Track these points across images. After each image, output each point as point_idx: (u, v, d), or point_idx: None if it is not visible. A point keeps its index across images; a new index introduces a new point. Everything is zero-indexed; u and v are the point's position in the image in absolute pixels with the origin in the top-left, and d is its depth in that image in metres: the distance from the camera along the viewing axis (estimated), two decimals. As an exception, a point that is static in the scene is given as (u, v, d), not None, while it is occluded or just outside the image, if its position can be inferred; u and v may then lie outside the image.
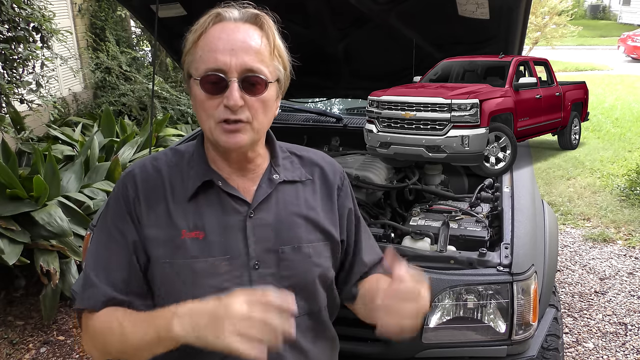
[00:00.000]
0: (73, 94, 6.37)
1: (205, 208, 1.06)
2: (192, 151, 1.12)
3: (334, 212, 1.18)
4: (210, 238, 1.04)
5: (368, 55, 2.34)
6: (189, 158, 1.11)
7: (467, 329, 1.66)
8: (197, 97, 1.02)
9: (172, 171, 1.09)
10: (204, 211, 1.06)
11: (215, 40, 0.99)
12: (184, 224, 1.04)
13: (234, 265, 1.04)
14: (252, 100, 1.01)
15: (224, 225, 1.05)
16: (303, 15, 2.05)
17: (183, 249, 1.03)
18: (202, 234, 1.04)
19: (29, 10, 3.74)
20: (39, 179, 3.02)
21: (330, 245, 1.15)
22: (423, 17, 1.95)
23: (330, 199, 1.18)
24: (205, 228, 1.04)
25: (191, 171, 1.08)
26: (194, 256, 1.03)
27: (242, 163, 1.09)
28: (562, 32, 13.98)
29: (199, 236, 1.03)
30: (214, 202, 1.07)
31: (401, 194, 2.29)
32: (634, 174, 5.26)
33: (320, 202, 1.16)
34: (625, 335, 2.99)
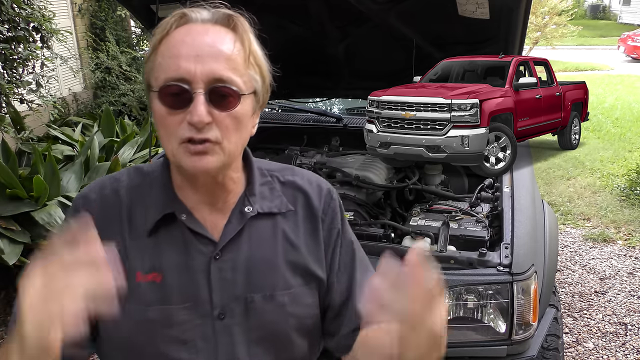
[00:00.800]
0: (73, 94, 6.37)
1: (165, 245, 0.90)
2: (152, 174, 0.95)
3: (320, 247, 0.99)
4: (168, 281, 0.88)
5: (368, 55, 2.34)
6: (151, 181, 0.94)
7: (467, 329, 1.66)
8: (156, 112, 0.85)
9: (132, 196, 0.92)
10: (163, 249, 0.89)
11: (179, 44, 0.83)
12: (138, 265, 0.88)
13: (195, 314, 0.89)
14: (221, 116, 0.84)
15: (185, 267, 0.89)
16: (304, 16, 2.05)
17: (137, 295, 0.87)
18: (160, 277, 0.88)
19: (29, 10, 3.74)
20: (39, 179, 3.02)
21: (317, 289, 0.98)
22: (423, 17, 1.95)
23: (316, 232, 0.99)
24: (162, 269, 0.88)
25: (151, 199, 0.91)
26: (149, 303, 0.87)
27: (212, 190, 0.91)
28: (562, 32, 13.98)
29: (155, 279, 0.88)
30: (176, 238, 0.90)
31: (401, 194, 2.29)
32: (634, 174, 5.26)
33: (303, 238, 0.98)
34: (625, 335, 2.99)
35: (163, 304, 0.88)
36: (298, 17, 2.10)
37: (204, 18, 0.87)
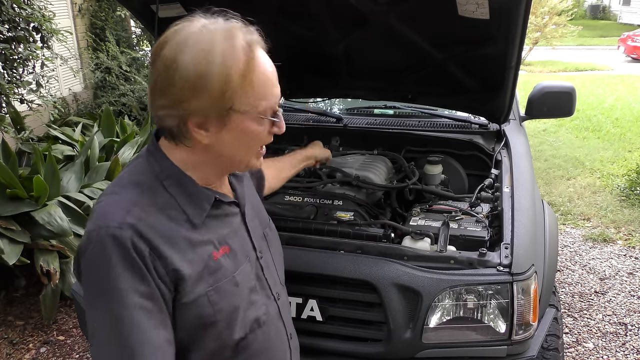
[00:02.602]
0: (73, 94, 6.37)
1: (214, 223, 1.05)
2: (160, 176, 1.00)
3: None
4: (234, 248, 1.06)
5: (368, 55, 2.34)
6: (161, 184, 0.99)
7: (467, 329, 1.66)
8: (252, 132, 0.99)
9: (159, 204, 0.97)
10: (216, 226, 1.04)
11: (268, 72, 0.98)
12: (210, 247, 1.01)
13: (250, 263, 1.10)
14: None
15: (234, 231, 1.09)
16: (304, 17, 2.05)
17: (221, 270, 1.01)
18: (227, 248, 1.04)
19: (29, 10, 3.74)
20: (39, 179, 3.02)
21: None
22: (423, 17, 1.94)
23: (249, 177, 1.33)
24: (226, 241, 1.05)
25: (182, 197, 0.99)
26: (233, 271, 1.03)
27: None
28: (562, 32, 14.00)
29: (226, 251, 1.04)
30: (218, 214, 1.06)
31: (401, 194, 2.29)
32: (634, 174, 5.26)
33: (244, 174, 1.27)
34: (625, 335, 2.99)
35: (240, 265, 1.06)
36: (298, 17, 2.10)
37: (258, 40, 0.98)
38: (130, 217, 0.91)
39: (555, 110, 2.80)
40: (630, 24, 22.35)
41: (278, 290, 1.18)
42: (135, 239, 0.89)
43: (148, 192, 0.97)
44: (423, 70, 2.30)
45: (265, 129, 1.01)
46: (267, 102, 0.98)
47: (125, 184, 0.99)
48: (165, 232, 0.94)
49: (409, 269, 1.65)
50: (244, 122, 0.97)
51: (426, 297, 1.62)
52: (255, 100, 0.96)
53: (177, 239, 0.95)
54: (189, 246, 0.97)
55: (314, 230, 1.88)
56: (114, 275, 0.87)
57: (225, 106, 0.93)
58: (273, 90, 0.99)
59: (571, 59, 15.11)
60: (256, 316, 1.08)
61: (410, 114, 2.81)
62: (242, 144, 1.00)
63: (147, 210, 0.94)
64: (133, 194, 0.96)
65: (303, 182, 2.21)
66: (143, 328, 0.88)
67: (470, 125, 2.63)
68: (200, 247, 0.99)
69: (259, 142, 1.03)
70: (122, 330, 0.87)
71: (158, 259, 0.91)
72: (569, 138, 7.09)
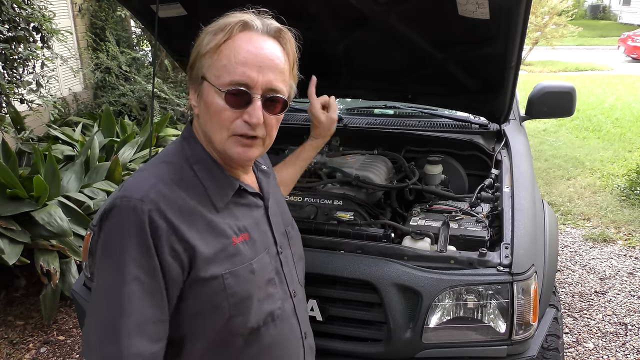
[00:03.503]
0: (73, 94, 6.37)
1: (237, 211, 1.08)
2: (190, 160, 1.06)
3: None
4: (253, 237, 1.08)
5: (368, 55, 2.34)
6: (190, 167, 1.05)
7: (467, 329, 1.66)
8: (213, 105, 1.01)
9: (184, 185, 1.02)
10: (238, 214, 1.08)
11: (243, 52, 0.99)
12: (230, 232, 1.04)
13: (269, 255, 1.12)
14: (270, 118, 1.04)
15: (255, 221, 1.11)
16: (305, 17, 2.04)
17: (239, 256, 1.03)
18: (247, 235, 1.07)
19: (29, 10, 3.74)
20: (39, 179, 3.02)
21: None
22: (423, 17, 1.94)
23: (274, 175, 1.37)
24: (247, 229, 1.07)
25: (208, 181, 1.05)
26: (250, 258, 1.05)
27: (244, 165, 1.14)
28: (562, 32, 14.00)
29: (245, 238, 1.06)
30: (240, 203, 1.10)
31: (401, 194, 2.29)
32: (634, 174, 5.26)
33: None
34: (625, 335, 2.99)
35: (257, 255, 1.07)
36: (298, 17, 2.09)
37: (261, 28, 1.03)
38: (154, 192, 0.97)
39: (555, 110, 2.80)
40: (630, 24, 22.35)
41: (295, 288, 1.20)
42: (153, 213, 0.94)
43: (177, 172, 1.03)
44: (423, 70, 2.30)
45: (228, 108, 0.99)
46: (230, 76, 0.98)
47: (156, 163, 1.06)
48: (185, 211, 0.98)
49: (409, 269, 1.65)
50: (209, 93, 1.01)
51: (426, 297, 1.62)
52: (219, 71, 0.99)
53: (197, 218, 0.99)
54: (207, 227, 1.00)
55: (314, 230, 1.88)
56: (124, 245, 0.93)
57: (200, 73, 1.02)
58: (242, 69, 0.98)
59: (571, 59, 15.11)
60: (271, 309, 1.09)
61: (410, 114, 2.80)
62: (209, 117, 1.02)
63: (172, 188, 0.99)
64: (162, 172, 1.03)
65: (303, 182, 2.21)
66: (135, 300, 0.92)
67: (470, 125, 2.63)
68: (220, 230, 1.02)
69: (224, 121, 1.01)
70: (116, 296, 0.92)
71: (174, 234, 0.95)
72: (569, 138, 7.10)
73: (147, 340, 0.92)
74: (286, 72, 1.05)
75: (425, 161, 2.31)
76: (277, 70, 1.02)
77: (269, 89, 1.01)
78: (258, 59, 0.99)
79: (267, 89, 1.01)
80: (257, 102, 1.00)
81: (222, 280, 0.99)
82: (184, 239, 0.96)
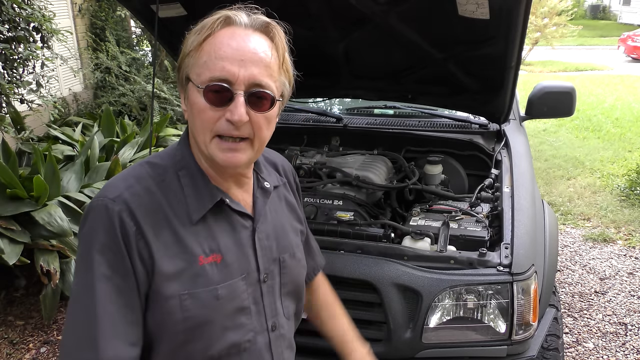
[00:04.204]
0: (73, 94, 6.37)
1: (215, 228, 0.99)
2: (177, 165, 1.00)
3: (300, 206, 1.25)
4: (227, 260, 0.98)
5: (368, 55, 2.34)
6: (175, 172, 1.00)
7: (467, 329, 1.66)
8: (195, 105, 0.94)
9: (164, 190, 0.97)
10: (216, 231, 0.99)
11: (224, 47, 0.92)
12: (198, 250, 0.95)
13: (249, 282, 1.02)
14: (256, 116, 0.94)
15: (236, 243, 1.01)
16: (305, 17, 2.04)
17: (204, 277, 0.95)
18: (219, 257, 0.97)
19: (29, 10, 3.74)
20: (39, 179, 3.02)
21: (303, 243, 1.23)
22: (423, 17, 1.94)
23: (296, 196, 1.24)
24: (221, 250, 0.98)
25: (189, 189, 0.98)
26: (217, 282, 0.96)
27: (237, 177, 1.05)
28: (562, 32, 14.00)
29: (216, 260, 0.97)
30: (221, 220, 1.00)
31: (401, 194, 2.29)
32: (634, 174, 5.26)
33: (294, 201, 1.21)
34: (625, 335, 2.99)
35: (228, 280, 0.97)
36: (298, 17, 2.10)
37: (245, 23, 0.95)
38: (128, 192, 0.93)
39: (555, 110, 2.80)
40: (630, 24, 22.36)
41: (277, 322, 1.08)
42: (123, 214, 0.90)
43: (160, 175, 0.98)
44: (423, 70, 2.30)
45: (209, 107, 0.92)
46: (210, 72, 0.91)
47: (143, 163, 1.02)
48: (157, 217, 0.93)
49: (409, 269, 1.65)
50: (193, 93, 0.94)
51: (426, 297, 1.62)
52: (200, 68, 0.93)
53: (166, 229, 0.93)
54: (175, 240, 0.94)
55: (314, 230, 1.88)
56: (94, 244, 0.90)
57: (184, 74, 0.97)
58: (221, 64, 0.91)
59: (571, 59, 15.11)
60: (237, 341, 0.99)
61: (410, 114, 2.81)
62: (194, 119, 0.96)
63: (148, 190, 0.95)
64: (143, 173, 0.98)
65: (303, 182, 2.21)
66: (108, 301, 0.89)
67: (470, 125, 2.63)
68: (187, 245, 0.95)
69: (206, 121, 0.93)
70: (89, 298, 0.89)
71: (142, 238, 0.91)
72: (569, 138, 7.09)
73: (123, 343, 0.89)
74: (274, 66, 0.96)
75: (425, 161, 2.31)
76: (261, 64, 0.93)
77: (252, 83, 0.92)
78: (239, 53, 0.91)
79: (251, 84, 0.92)
80: (240, 98, 0.91)
81: (179, 300, 0.92)
82: (148, 246, 0.91)
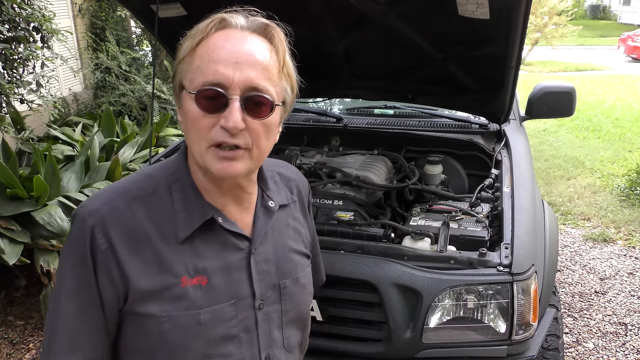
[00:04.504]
0: (73, 94, 6.37)
1: (203, 248, 0.91)
2: (170, 177, 0.94)
3: (309, 227, 1.14)
4: (214, 283, 0.90)
5: (368, 55, 2.34)
6: (168, 186, 0.93)
7: (467, 329, 1.66)
8: (189, 113, 0.87)
9: (152, 205, 0.90)
10: (203, 252, 0.91)
11: (218, 49, 0.85)
12: (181, 270, 0.88)
13: (240, 308, 0.93)
14: (254, 123, 0.86)
15: (226, 266, 0.93)
16: (305, 18, 2.04)
17: (185, 300, 0.88)
18: (205, 279, 0.90)
19: (29, 10, 3.74)
20: (39, 179, 3.02)
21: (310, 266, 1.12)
22: (423, 17, 1.94)
23: (306, 217, 1.12)
24: (207, 272, 0.90)
25: (179, 204, 0.91)
26: (201, 306, 0.89)
27: (236, 192, 0.95)
28: (562, 32, 14.01)
29: (201, 282, 0.89)
30: (212, 240, 0.92)
31: (401, 194, 2.29)
32: (634, 174, 5.26)
33: (301, 223, 1.10)
34: (625, 335, 2.99)
35: (213, 305, 0.90)
36: (298, 18, 2.10)
37: (242, 25, 0.89)
38: (107, 207, 0.88)
39: (556, 110, 2.80)
40: (630, 24, 22.36)
41: (271, 352, 0.99)
42: (96, 229, 0.86)
43: (151, 187, 0.92)
44: (423, 70, 2.30)
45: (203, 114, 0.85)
46: (203, 77, 0.84)
47: (139, 173, 0.97)
48: (135, 234, 0.88)
49: (409, 269, 1.65)
50: (186, 101, 0.88)
51: (426, 297, 1.62)
52: (193, 73, 0.86)
53: (145, 246, 0.88)
54: (155, 259, 0.88)
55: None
56: (68, 257, 0.88)
57: (178, 81, 0.90)
58: (214, 67, 0.84)
59: (571, 59, 15.11)
60: None
61: (410, 114, 2.81)
62: (188, 129, 0.89)
63: (132, 205, 0.89)
64: (132, 186, 0.93)
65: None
66: (68, 317, 0.87)
67: (470, 125, 2.63)
68: (168, 265, 0.88)
69: (200, 130, 0.86)
70: (53, 310, 0.89)
71: (113, 257, 0.86)
72: (569, 138, 7.10)
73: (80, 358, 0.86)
74: (273, 70, 0.88)
75: (425, 161, 2.31)
76: (259, 67, 0.85)
77: (249, 87, 0.84)
78: (234, 55, 0.84)
79: (247, 88, 0.84)
80: (235, 103, 0.83)
81: (157, 322, 0.86)
82: (121, 265, 0.86)
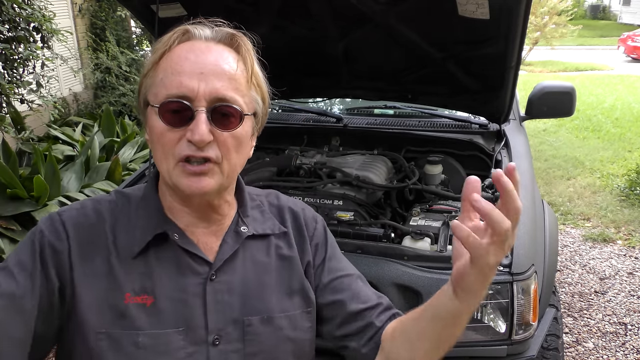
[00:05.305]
0: (73, 94, 6.38)
1: (156, 266, 0.86)
2: (140, 197, 0.91)
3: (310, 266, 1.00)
4: (160, 305, 0.84)
5: (368, 55, 2.34)
6: (136, 203, 0.90)
7: (467, 328, 1.65)
8: (154, 129, 0.82)
9: (117, 217, 0.88)
10: (154, 270, 0.85)
11: (182, 60, 0.81)
12: (128, 286, 0.83)
13: (191, 340, 0.84)
14: (223, 135, 0.82)
15: (178, 288, 0.85)
16: (306, 17, 2.05)
17: (126, 319, 0.82)
18: (151, 300, 0.84)
19: (29, 10, 3.75)
20: (40, 179, 3.02)
21: (314, 312, 0.97)
22: (423, 17, 1.95)
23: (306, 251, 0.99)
24: (154, 292, 0.84)
25: (139, 220, 0.88)
26: (140, 327, 0.82)
27: (206, 212, 0.90)
28: (561, 32, 14.02)
29: (146, 302, 0.83)
30: (167, 259, 0.87)
31: (401, 194, 2.29)
32: (634, 174, 5.26)
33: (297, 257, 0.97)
34: (625, 335, 2.99)
35: (154, 329, 0.83)
36: (299, 17, 2.10)
37: (207, 36, 0.85)
38: (76, 212, 0.87)
39: (555, 110, 2.80)
40: (630, 24, 22.36)
41: None
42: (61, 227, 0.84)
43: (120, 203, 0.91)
44: (423, 70, 2.30)
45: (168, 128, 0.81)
46: (166, 90, 0.81)
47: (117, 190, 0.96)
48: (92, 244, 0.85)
49: (409, 269, 1.65)
50: (151, 116, 0.84)
51: (426, 297, 1.60)
52: (156, 87, 0.83)
53: (98, 258, 0.84)
54: (106, 271, 0.84)
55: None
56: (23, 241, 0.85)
57: (143, 97, 0.86)
58: (178, 80, 0.80)
59: (571, 59, 15.11)
60: None
61: (410, 114, 2.81)
62: (155, 144, 0.84)
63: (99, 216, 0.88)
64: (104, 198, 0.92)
65: (303, 182, 2.21)
66: None
67: (470, 125, 2.63)
68: (117, 280, 0.84)
69: (166, 145, 0.82)
70: None
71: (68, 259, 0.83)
72: (569, 138, 7.10)
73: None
74: (240, 79, 0.84)
75: (425, 161, 2.31)
76: (225, 77, 0.82)
77: (215, 98, 0.80)
78: (199, 66, 0.81)
79: (213, 99, 0.80)
80: (201, 115, 0.79)
81: (94, 338, 0.81)
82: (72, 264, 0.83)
